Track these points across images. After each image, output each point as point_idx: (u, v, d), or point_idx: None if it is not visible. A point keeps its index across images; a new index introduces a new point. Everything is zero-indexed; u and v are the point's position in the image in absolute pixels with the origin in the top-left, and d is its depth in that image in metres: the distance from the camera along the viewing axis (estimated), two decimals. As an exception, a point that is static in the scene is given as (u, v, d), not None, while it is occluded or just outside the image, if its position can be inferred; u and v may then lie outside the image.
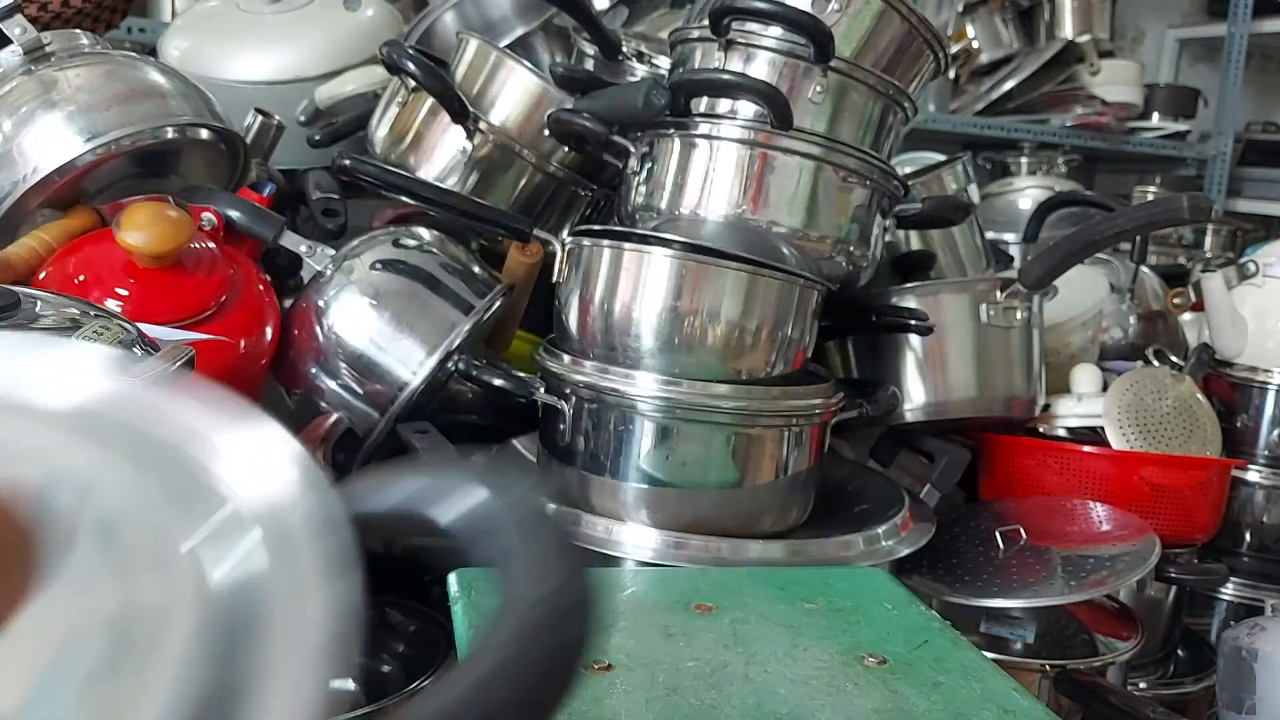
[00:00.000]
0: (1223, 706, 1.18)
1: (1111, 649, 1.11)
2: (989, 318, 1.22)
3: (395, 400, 1.05)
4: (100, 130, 1.03)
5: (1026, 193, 2.52)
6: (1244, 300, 1.51)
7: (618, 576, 0.85)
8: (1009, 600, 1.06)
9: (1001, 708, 0.65)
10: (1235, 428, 1.50)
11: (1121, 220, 1.21)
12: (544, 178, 1.22)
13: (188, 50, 1.42)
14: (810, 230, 1.04)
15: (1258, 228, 3.05)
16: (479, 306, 1.08)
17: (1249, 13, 3.16)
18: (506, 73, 1.19)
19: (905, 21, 1.05)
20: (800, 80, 1.02)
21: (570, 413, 1.01)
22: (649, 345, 0.97)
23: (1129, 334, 1.67)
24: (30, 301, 0.67)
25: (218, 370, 0.98)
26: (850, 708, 0.64)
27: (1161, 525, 1.21)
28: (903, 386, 1.22)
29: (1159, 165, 3.23)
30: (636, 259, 0.98)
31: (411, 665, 1.11)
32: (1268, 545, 1.50)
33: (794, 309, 1.00)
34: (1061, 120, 2.83)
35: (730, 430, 0.98)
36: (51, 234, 1.01)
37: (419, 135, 1.20)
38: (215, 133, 1.13)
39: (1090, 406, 1.33)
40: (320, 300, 1.06)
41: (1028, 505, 1.25)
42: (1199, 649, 1.43)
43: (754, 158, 1.02)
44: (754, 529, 1.00)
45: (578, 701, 0.62)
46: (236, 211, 1.08)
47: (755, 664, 0.69)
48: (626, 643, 0.71)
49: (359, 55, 1.41)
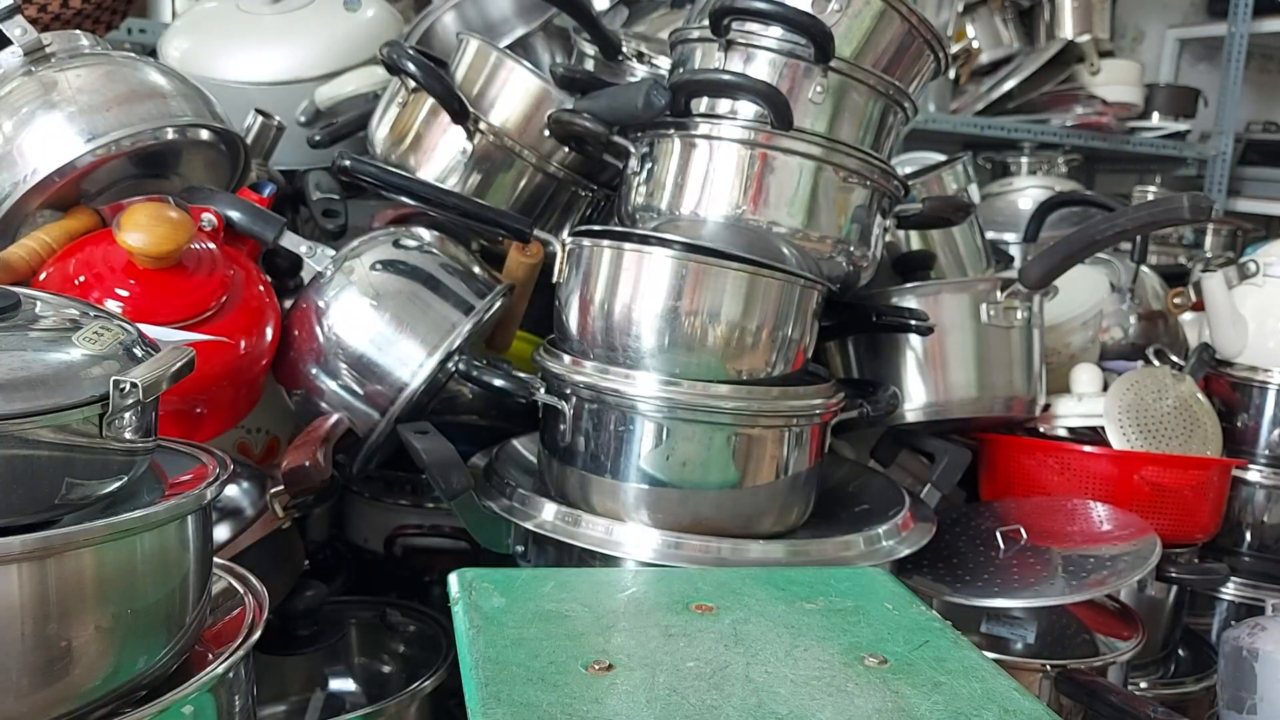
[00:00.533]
0: (1223, 706, 1.18)
1: (1112, 649, 1.11)
2: (989, 318, 1.22)
3: (395, 401, 1.05)
4: (100, 131, 1.03)
5: (1026, 193, 2.51)
6: (1244, 300, 1.51)
7: (618, 577, 0.85)
8: (1010, 600, 1.06)
9: (1002, 708, 0.65)
10: (1236, 427, 1.50)
11: (1122, 220, 1.21)
12: (544, 178, 1.22)
13: (188, 51, 1.42)
14: (810, 230, 1.04)
15: (1258, 227, 3.05)
16: (479, 307, 1.08)
17: (1249, 12, 3.16)
18: (507, 73, 1.19)
19: (905, 21, 1.05)
20: (800, 80, 1.02)
21: (570, 413, 1.01)
22: (649, 345, 0.97)
23: (1129, 334, 1.67)
24: (30, 302, 0.67)
25: (218, 371, 0.98)
26: (851, 708, 0.64)
27: (1162, 525, 1.21)
28: (903, 386, 1.22)
29: (1159, 165, 3.23)
30: (637, 259, 0.98)
31: (412, 665, 1.11)
32: (1268, 545, 1.50)
33: (794, 309, 1.00)
34: (1061, 120, 2.83)
35: (731, 430, 0.98)
36: (52, 235, 1.01)
37: (419, 136, 1.20)
38: (215, 133, 1.13)
39: (1091, 406, 1.33)
40: (320, 301, 1.06)
41: (1028, 505, 1.25)
42: (1200, 649, 1.43)
43: (754, 158, 1.02)
44: (754, 529, 1.01)
45: (579, 702, 0.62)
46: (237, 212, 1.08)
47: (756, 664, 0.69)
48: (627, 643, 0.71)
49: (359, 56, 1.41)
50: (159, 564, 0.65)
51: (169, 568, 0.66)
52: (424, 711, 1.01)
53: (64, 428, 0.60)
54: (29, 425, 0.58)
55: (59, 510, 0.62)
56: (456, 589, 0.79)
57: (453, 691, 1.02)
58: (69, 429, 0.60)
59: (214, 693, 0.67)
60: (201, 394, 0.99)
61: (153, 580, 0.64)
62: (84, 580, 0.60)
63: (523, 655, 0.68)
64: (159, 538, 0.65)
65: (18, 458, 0.58)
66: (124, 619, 0.62)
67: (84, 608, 0.60)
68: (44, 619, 0.58)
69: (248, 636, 0.71)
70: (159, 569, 0.65)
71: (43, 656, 0.59)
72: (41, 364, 0.61)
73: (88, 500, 0.63)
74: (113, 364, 0.64)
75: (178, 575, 0.66)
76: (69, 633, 0.60)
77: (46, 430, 0.59)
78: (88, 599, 0.60)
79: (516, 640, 0.70)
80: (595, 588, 0.80)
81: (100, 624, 0.61)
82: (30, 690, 0.59)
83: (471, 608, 0.75)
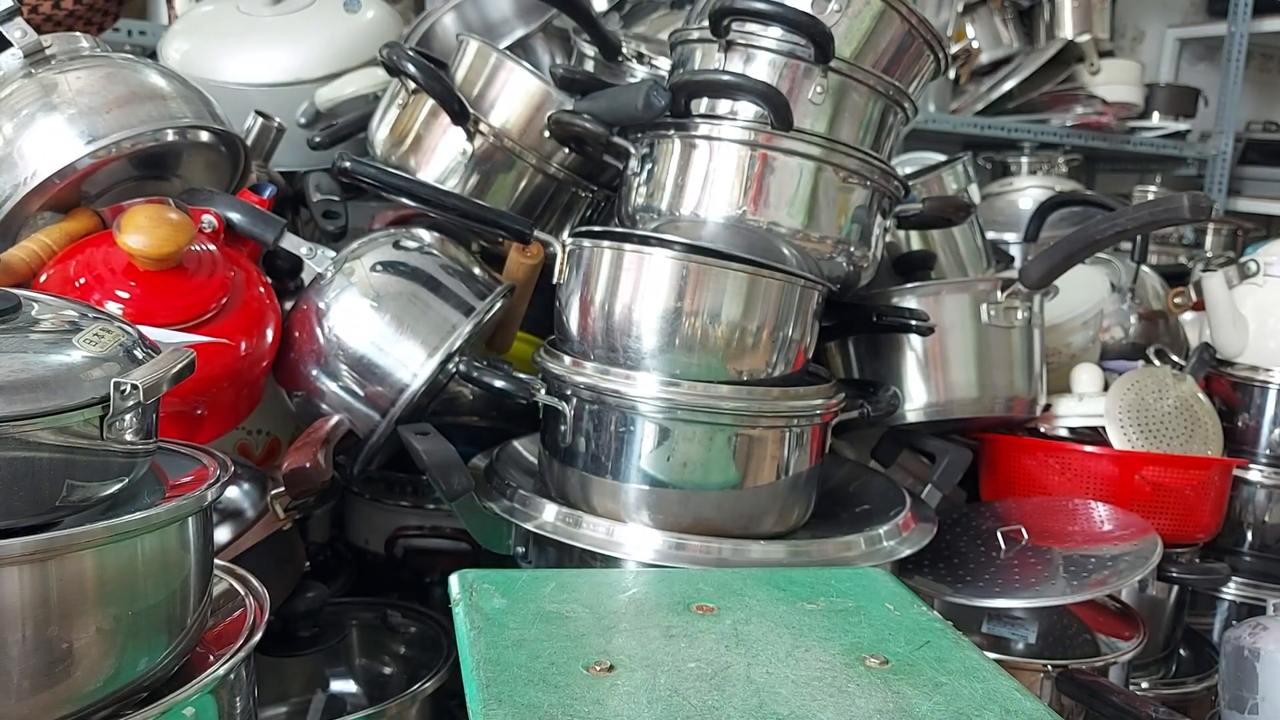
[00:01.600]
0: (1225, 706, 1.18)
1: (1113, 649, 1.11)
2: (990, 318, 1.22)
3: (396, 402, 1.05)
4: (101, 133, 1.03)
5: (1027, 193, 2.51)
6: (1245, 299, 1.51)
7: (619, 578, 0.85)
8: (1011, 600, 1.06)
9: (1004, 708, 0.65)
10: (1236, 427, 1.50)
11: (1122, 220, 1.21)
12: (544, 179, 1.22)
13: (188, 53, 1.42)
14: (811, 231, 1.04)
15: (1258, 227, 3.05)
16: (479, 308, 1.08)
17: (1249, 12, 3.16)
18: (507, 74, 1.19)
19: (905, 22, 1.05)
20: (800, 81, 1.02)
21: (571, 414, 1.01)
22: (650, 346, 0.97)
23: (1130, 333, 1.67)
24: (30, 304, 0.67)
25: (218, 372, 0.98)
26: (852, 709, 0.64)
27: (1163, 525, 1.21)
28: (904, 387, 1.22)
29: (1159, 165, 3.23)
30: (637, 260, 0.98)
31: (413, 667, 1.11)
32: (1269, 544, 1.50)
33: (795, 309, 1.00)
34: (1062, 120, 2.83)
35: (731, 431, 0.98)
36: (52, 237, 1.01)
37: (419, 137, 1.20)
38: (216, 135, 1.13)
39: (1091, 406, 1.33)
40: (321, 302, 1.06)
41: (1029, 505, 1.25)
42: (1201, 648, 1.43)
43: (754, 158, 1.02)
44: (755, 530, 1.01)
45: (580, 703, 0.62)
46: (237, 214, 1.08)
47: (757, 665, 0.69)
48: (628, 644, 0.71)
49: (359, 57, 1.41)
50: (160, 566, 0.65)
51: (170, 569, 0.66)
52: (425, 713, 1.01)
53: (65, 429, 0.60)
54: (30, 427, 0.58)
55: (60, 512, 0.62)
56: (457, 590, 0.79)
57: (454, 693, 1.02)
58: (70, 431, 0.60)
59: (215, 694, 0.67)
60: (202, 395, 0.99)
61: (154, 582, 0.64)
62: (85, 582, 0.60)
63: (524, 656, 0.68)
64: (160, 539, 0.65)
65: (19, 459, 0.59)
66: (125, 621, 0.62)
67: (85, 610, 0.60)
68: (45, 621, 0.59)
69: (249, 638, 0.71)
70: (160, 571, 0.65)
71: (44, 658, 0.59)
72: (42, 366, 0.61)
73: (89, 502, 0.63)
74: (113, 366, 0.64)
75: (179, 577, 0.66)
76: (70, 635, 0.60)
77: (47, 432, 0.59)
78: (89, 601, 0.60)
79: (517, 641, 0.70)
80: (596, 589, 0.80)
81: (101, 626, 0.61)
82: (31, 692, 0.59)
83: (472, 609, 0.75)
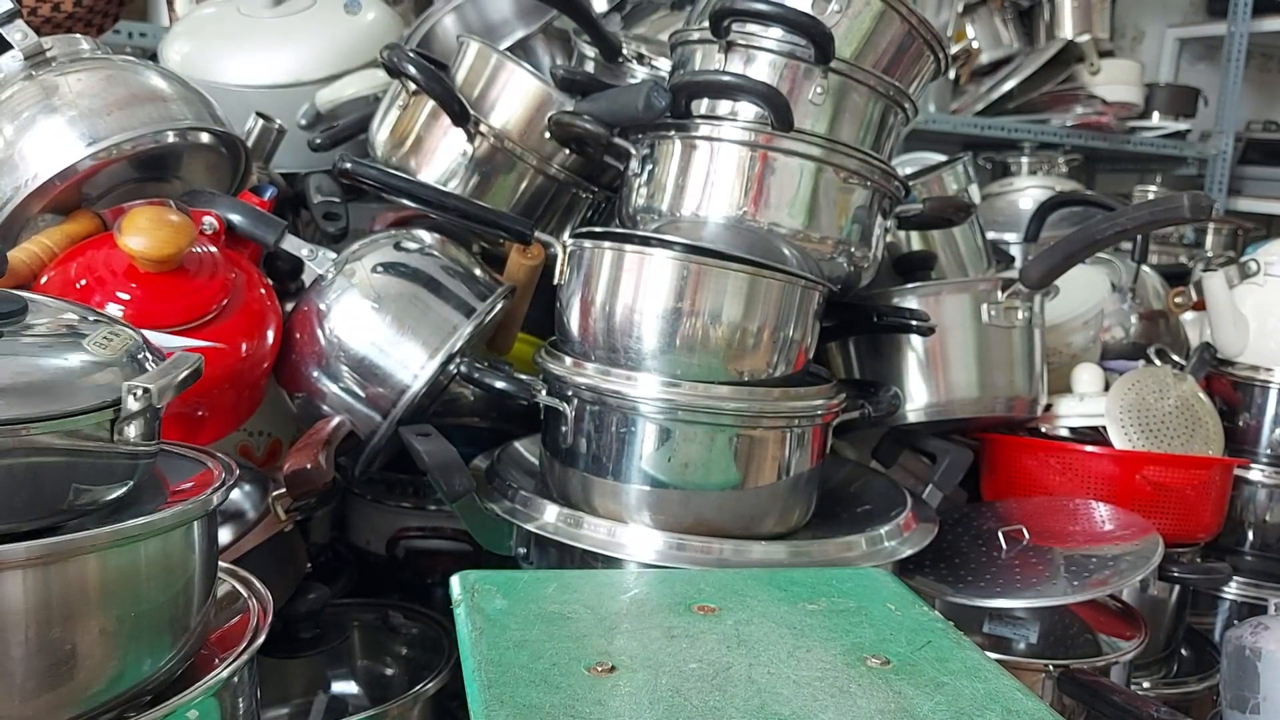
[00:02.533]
0: (1226, 706, 1.18)
1: (1115, 649, 1.11)
2: (990, 318, 1.22)
3: (397, 403, 1.05)
4: (101, 135, 1.03)
5: (1027, 193, 2.52)
6: (1245, 299, 1.51)
7: (620, 578, 0.85)
8: (1012, 600, 1.06)
9: (1005, 708, 0.65)
10: (1237, 427, 1.50)
11: (1122, 219, 1.21)
12: (545, 180, 1.22)
13: (189, 54, 1.42)
14: (811, 231, 1.04)
15: (1259, 226, 3.05)
16: (480, 309, 1.08)
17: (1249, 12, 3.16)
18: (507, 75, 1.19)
19: (905, 22, 1.05)
20: (801, 81, 1.03)
21: (572, 415, 1.01)
22: (651, 347, 0.97)
23: (1130, 333, 1.67)
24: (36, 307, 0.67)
25: (220, 374, 0.98)
26: (853, 709, 0.64)
27: (1164, 525, 1.21)
28: (904, 387, 1.22)
29: (1159, 164, 3.23)
30: (638, 261, 0.98)
31: (414, 668, 1.11)
32: (1270, 544, 1.50)
33: (795, 310, 1.00)
34: (1062, 120, 2.83)
35: (732, 432, 0.98)
36: (53, 239, 1.01)
37: (420, 138, 1.20)
38: (216, 137, 1.13)
39: (1092, 406, 1.33)
40: (322, 304, 1.06)
41: (1030, 505, 1.25)
42: (1202, 648, 1.43)
43: (755, 159, 1.02)
44: (756, 530, 1.01)
45: (581, 703, 0.63)
46: (238, 215, 1.08)
47: (758, 665, 0.69)
48: (629, 644, 0.71)
49: (360, 59, 1.41)
50: (164, 569, 0.65)
51: (174, 573, 0.66)
52: (426, 714, 1.01)
53: (73, 433, 0.60)
54: (38, 430, 0.58)
55: (65, 515, 0.62)
56: (459, 591, 0.79)
57: (455, 694, 1.02)
58: (78, 434, 0.60)
59: (218, 697, 0.67)
60: (203, 397, 0.99)
61: (157, 585, 0.64)
62: (89, 585, 0.60)
63: (525, 657, 0.68)
64: (164, 543, 0.65)
65: (25, 463, 0.59)
66: (128, 624, 0.62)
67: (89, 612, 0.60)
68: (48, 624, 0.59)
69: (252, 640, 0.71)
70: (164, 574, 0.65)
71: (47, 661, 0.59)
72: (50, 369, 0.62)
73: (93, 505, 0.63)
74: (120, 370, 0.64)
75: (182, 580, 0.66)
76: (73, 637, 0.60)
77: (55, 435, 0.59)
78: (93, 604, 0.60)
79: (519, 642, 0.70)
80: (597, 589, 0.80)
81: (105, 629, 0.61)
82: (35, 694, 0.59)
83: (474, 610, 0.75)
